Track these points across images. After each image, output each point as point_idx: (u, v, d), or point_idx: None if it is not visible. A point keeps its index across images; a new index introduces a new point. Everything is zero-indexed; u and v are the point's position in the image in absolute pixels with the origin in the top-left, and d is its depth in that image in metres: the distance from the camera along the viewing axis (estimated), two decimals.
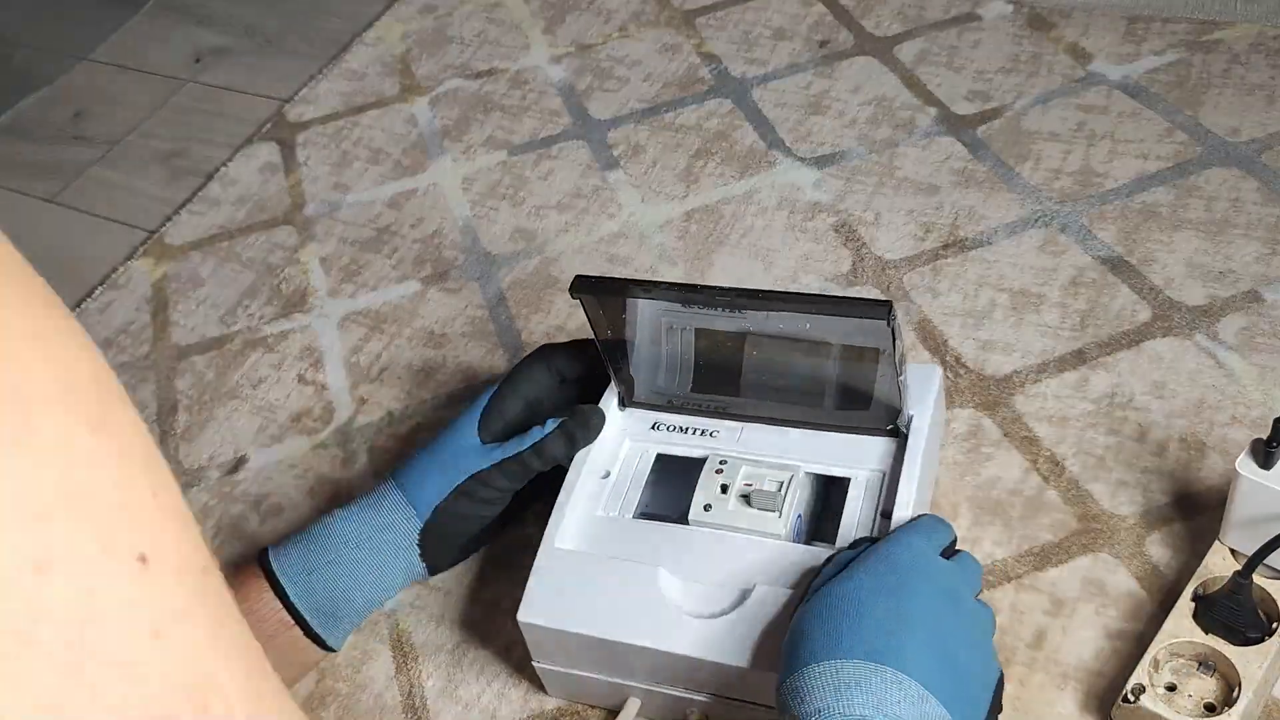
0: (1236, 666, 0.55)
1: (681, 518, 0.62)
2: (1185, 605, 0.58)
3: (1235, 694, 0.55)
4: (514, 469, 0.63)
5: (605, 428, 0.66)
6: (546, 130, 1.02)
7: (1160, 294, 0.76)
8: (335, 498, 0.77)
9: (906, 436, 0.62)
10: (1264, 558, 0.55)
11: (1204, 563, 0.60)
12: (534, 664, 0.62)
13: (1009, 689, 0.59)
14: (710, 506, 0.61)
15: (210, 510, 0.78)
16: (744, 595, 0.57)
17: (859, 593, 0.51)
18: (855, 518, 0.61)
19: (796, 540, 0.60)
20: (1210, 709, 0.55)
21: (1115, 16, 0.98)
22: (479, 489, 0.63)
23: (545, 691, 0.64)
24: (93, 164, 1.13)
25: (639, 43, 1.08)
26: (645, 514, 0.64)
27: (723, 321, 0.63)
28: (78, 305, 0.96)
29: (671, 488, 0.64)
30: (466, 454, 0.64)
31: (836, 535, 0.61)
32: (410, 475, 0.65)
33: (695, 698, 0.59)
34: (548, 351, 0.68)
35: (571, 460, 0.64)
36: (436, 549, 0.65)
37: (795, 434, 0.65)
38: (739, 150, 0.95)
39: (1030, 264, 0.80)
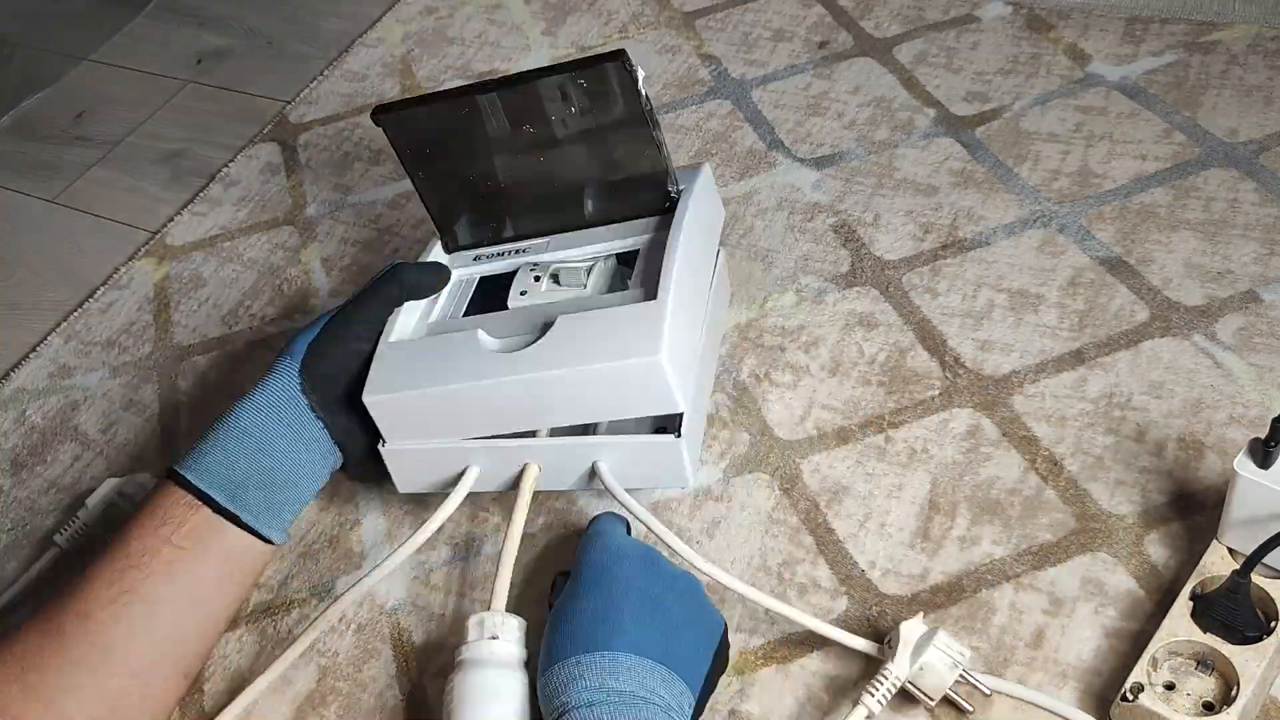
0: (1235, 665, 0.56)
1: (502, 306, 0.70)
2: (1184, 604, 0.58)
3: (1234, 693, 0.55)
4: (377, 300, 0.70)
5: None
6: None
7: (1158, 294, 0.76)
8: (335, 497, 0.77)
9: (677, 204, 0.71)
10: (1262, 557, 0.55)
11: (1202, 562, 0.60)
12: (381, 450, 0.69)
13: (1008, 685, 0.60)
14: (526, 292, 0.70)
15: None
16: (547, 326, 0.66)
17: (571, 600, 0.58)
18: (639, 275, 0.69)
19: None
20: (1209, 708, 0.56)
21: (1114, 17, 0.98)
22: (347, 321, 0.69)
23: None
24: (94, 164, 1.13)
25: (639, 44, 1.09)
26: (470, 312, 0.72)
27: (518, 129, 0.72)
28: (80, 306, 0.96)
29: (495, 293, 0.72)
30: (337, 309, 0.71)
31: (627, 286, 0.70)
32: (294, 342, 0.69)
33: (526, 443, 0.67)
34: (399, 269, 0.73)
35: (425, 287, 0.72)
36: (324, 392, 0.67)
37: (594, 233, 0.74)
38: (739, 151, 0.95)
39: (1029, 264, 0.80)
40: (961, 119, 0.93)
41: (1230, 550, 0.60)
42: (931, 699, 0.58)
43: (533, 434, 0.69)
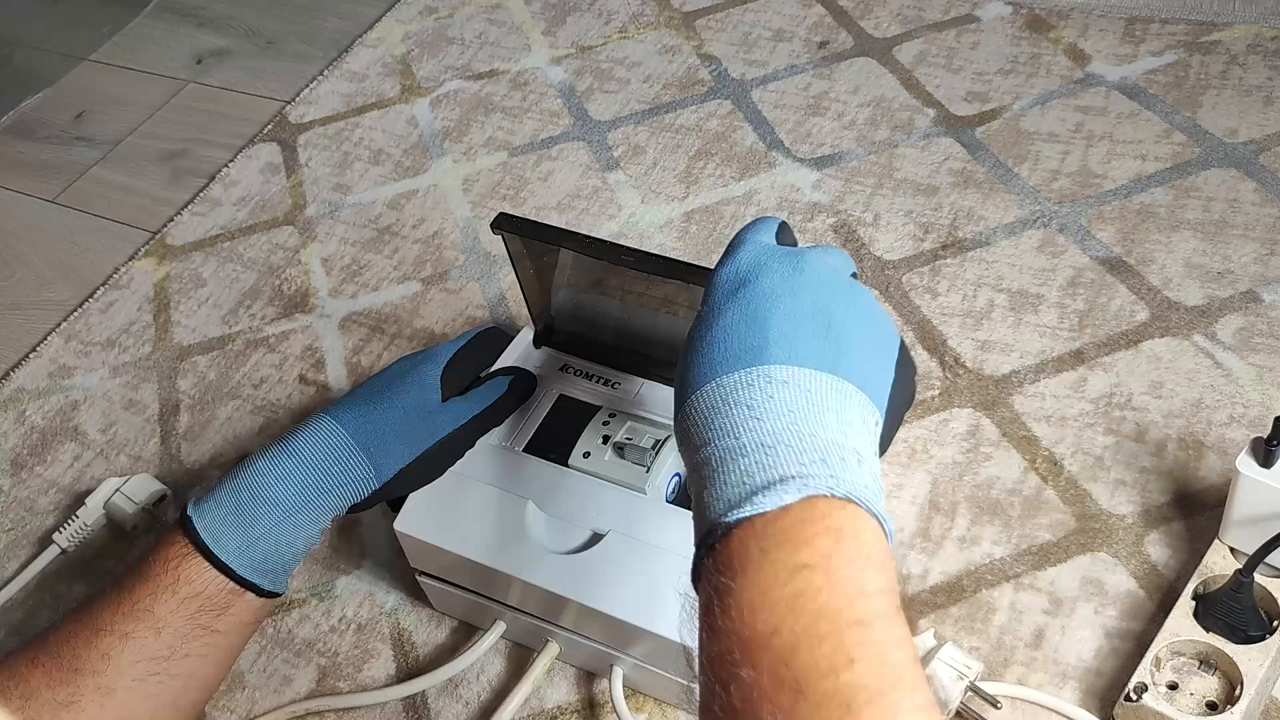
0: (1238, 665, 0.56)
1: (563, 459, 0.64)
2: (1186, 604, 0.58)
3: (1237, 692, 0.55)
4: (476, 428, 0.65)
5: (517, 359, 0.71)
6: (547, 131, 1.02)
7: (1158, 294, 0.76)
8: None
9: None
10: (1265, 556, 0.55)
11: (1204, 561, 0.60)
12: (415, 574, 0.66)
13: (1019, 690, 0.60)
14: (589, 454, 0.64)
15: None
16: (596, 538, 0.61)
17: (698, 327, 0.47)
18: None
19: (668, 501, 0.63)
20: (1212, 707, 0.56)
21: (1113, 18, 0.98)
22: (443, 452, 0.64)
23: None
24: (94, 164, 1.13)
25: (639, 44, 1.09)
26: (532, 448, 0.66)
27: (645, 284, 0.66)
28: (80, 306, 0.96)
29: (564, 429, 0.66)
30: (429, 415, 0.64)
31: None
32: (373, 436, 0.62)
33: (549, 628, 0.63)
34: (500, 332, 0.71)
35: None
36: (376, 499, 0.63)
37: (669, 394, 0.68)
38: (739, 151, 0.95)
39: (1029, 264, 0.80)
40: (961, 119, 0.93)
41: (1232, 549, 0.60)
42: (946, 712, 0.58)
43: None
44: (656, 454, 0.63)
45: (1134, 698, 0.55)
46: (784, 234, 0.51)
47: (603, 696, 0.64)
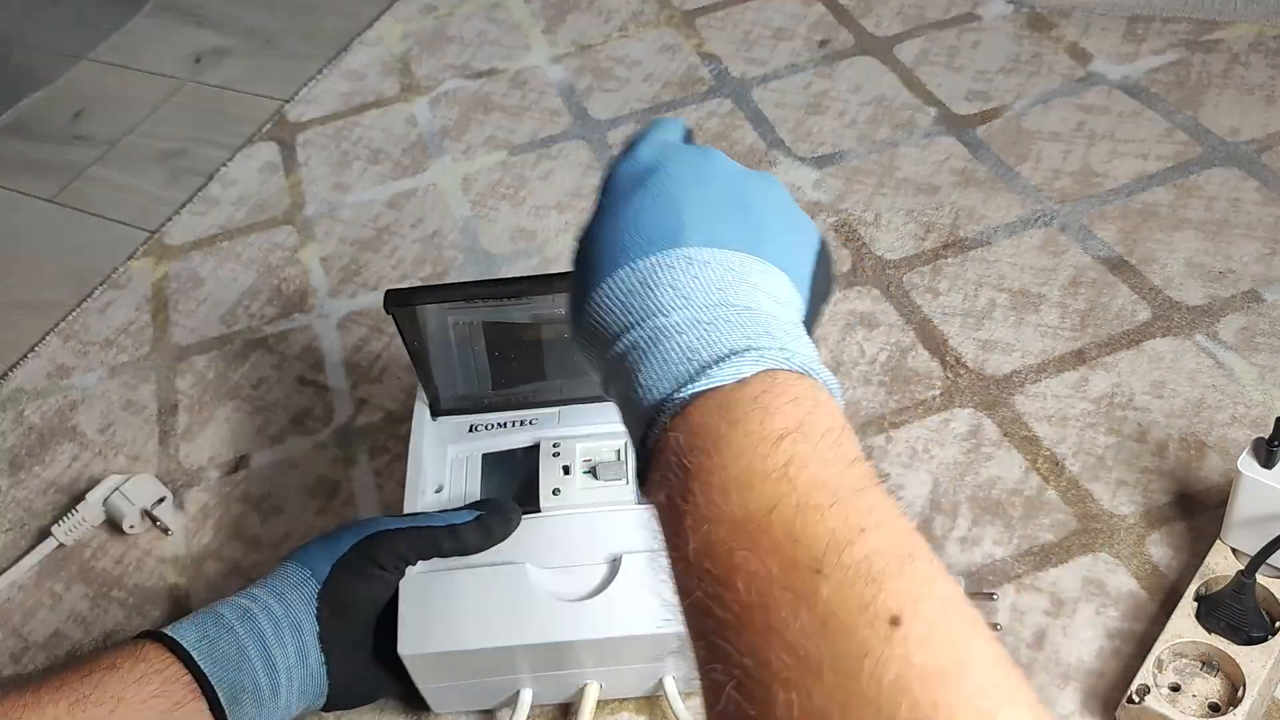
0: (1240, 666, 0.55)
1: (534, 508, 0.61)
2: (1188, 605, 0.58)
3: (1240, 694, 0.55)
4: (421, 542, 0.60)
5: (427, 440, 0.66)
6: (546, 130, 1.02)
7: (1160, 294, 0.76)
8: (335, 497, 0.77)
9: None
10: (1267, 557, 0.55)
11: (1205, 562, 0.60)
12: (420, 687, 0.61)
13: None
14: (559, 490, 0.62)
15: (210, 510, 0.78)
16: (614, 568, 0.58)
17: (599, 215, 0.43)
18: None
19: (641, 502, 0.61)
20: (1215, 709, 0.55)
21: (1115, 16, 0.98)
22: (380, 550, 0.60)
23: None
24: (93, 164, 1.12)
25: (639, 43, 1.08)
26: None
27: (514, 312, 0.64)
28: (78, 305, 0.96)
29: (505, 483, 0.64)
30: (372, 522, 0.62)
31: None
32: (307, 547, 0.62)
33: (585, 672, 0.60)
34: (460, 530, 0.63)
35: (480, 551, 0.61)
36: (333, 630, 0.59)
37: (610, 404, 0.66)
38: (739, 150, 0.95)
39: (1030, 264, 0.80)
40: (963, 118, 0.92)
41: (1234, 550, 0.60)
42: None
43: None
44: (626, 462, 0.62)
45: (1136, 699, 0.55)
46: (689, 138, 0.48)
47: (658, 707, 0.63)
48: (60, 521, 0.77)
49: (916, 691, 0.28)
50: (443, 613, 0.59)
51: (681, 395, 0.36)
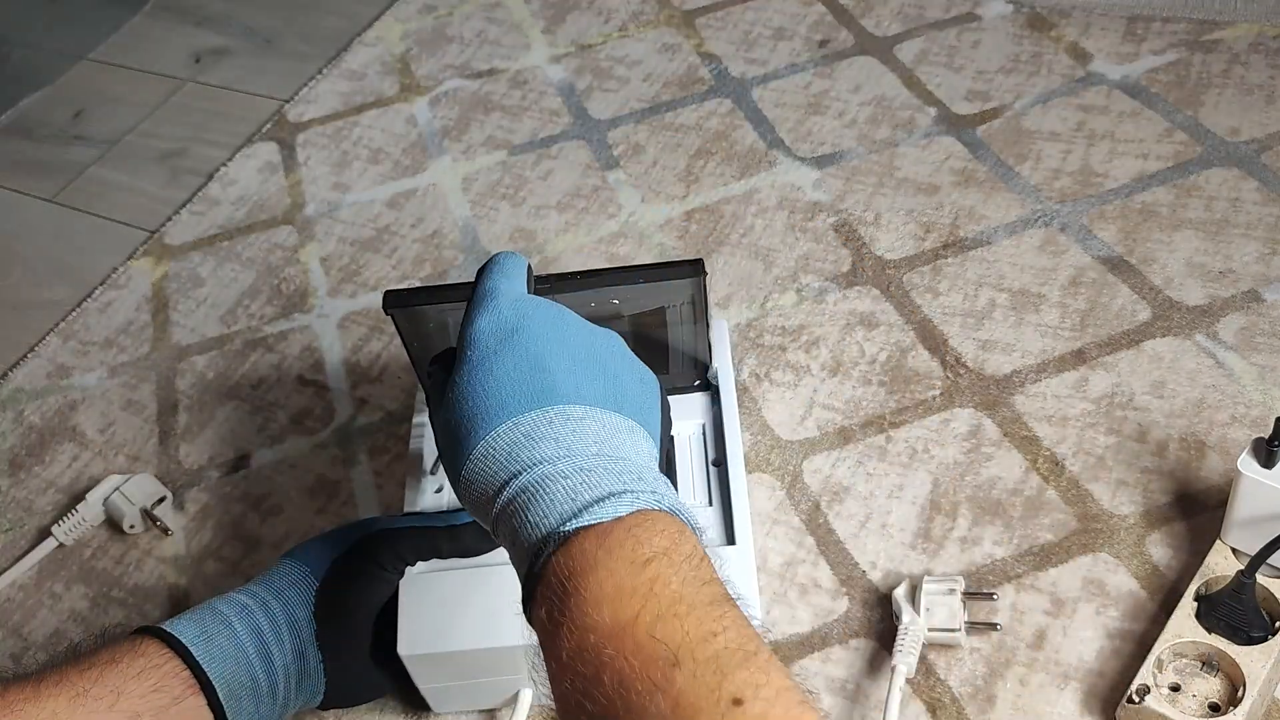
0: (1240, 666, 0.55)
1: None
2: (1188, 605, 0.58)
3: (1240, 694, 0.55)
4: (422, 543, 0.60)
5: (427, 441, 0.67)
6: (546, 130, 1.02)
7: (1160, 294, 0.76)
8: (335, 497, 0.77)
9: (716, 388, 0.68)
10: (1267, 557, 0.55)
11: (1206, 562, 0.60)
12: (420, 687, 0.61)
13: (1009, 687, 0.59)
14: None
15: (210, 510, 0.78)
16: None
17: (472, 371, 0.48)
18: (689, 470, 0.66)
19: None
20: (1215, 709, 0.55)
21: (1115, 16, 0.98)
22: (380, 550, 0.60)
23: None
24: (92, 164, 1.12)
25: (639, 43, 1.08)
26: None
27: None
28: (78, 305, 0.96)
29: None
30: (373, 522, 0.63)
31: (676, 490, 0.63)
32: (307, 545, 0.63)
33: None
34: (460, 529, 0.64)
35: (480, 554, 0.61)
36: (332, 629, 0.60)
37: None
38: (739, 150, 0.95)
39: (1030, 264, 0.80)
40: (963, 118, 0.92)
41: (1234, 550, 0.60)
42: (956, 628, 0.60)
43: None
44: None
45: (1136, 700, 0.55)
46: (530, 276, 0.54)
47: None
48: (60, 521, 0.77)
49: None
50: (443, 613, 0.59)
51: (566, 529, 0.42)
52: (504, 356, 0.48)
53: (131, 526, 0.77)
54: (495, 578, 0.60)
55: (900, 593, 0.62)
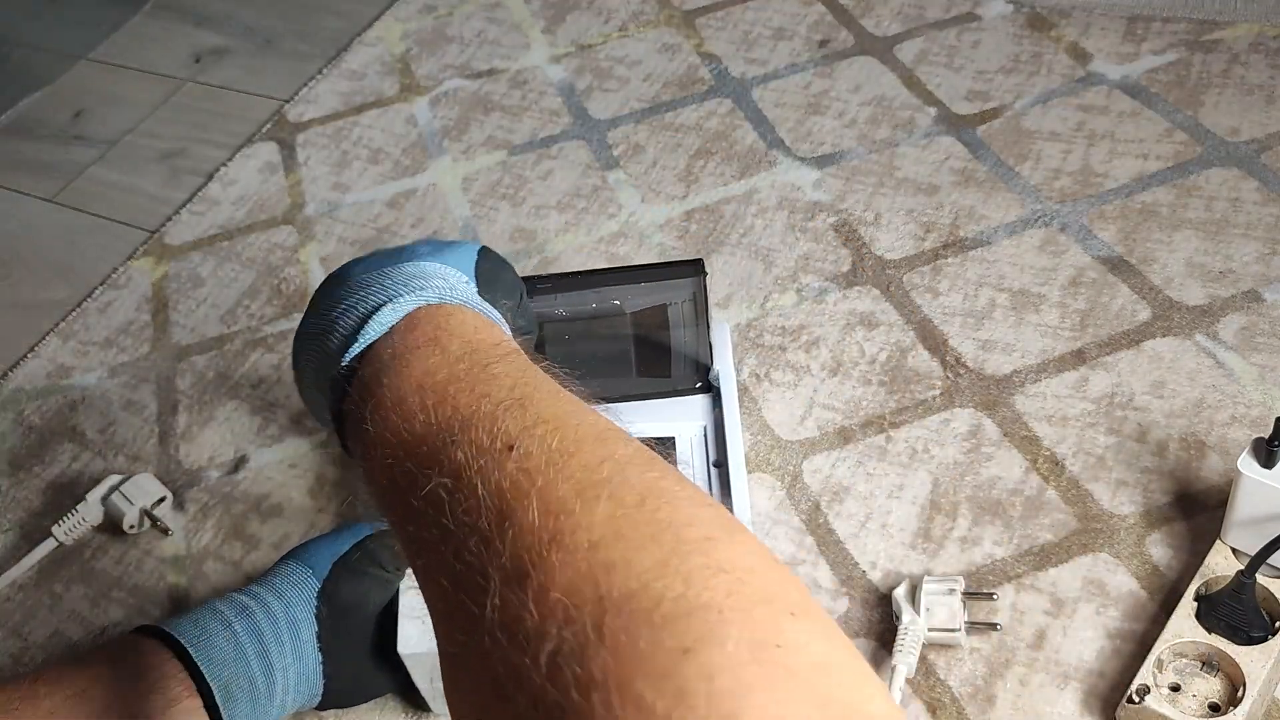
0: (1240, 666, 0.55)
1: None
2: (1188, 605, 0.58)
3: (1240, 694, 0.55)
4: None
5: None
6: (546, 130, 1.02)
7: (1160, 294, 0.76)
8: (335, 498, 0.77)
9: (718, 390, 0.69)
10: (1267, 557, 0.55)
11: (1206, 562, 0.60)
12: (420, 687, 0.61)
13: (1009, 687, 0.59)
14: None
15: (210, 510, 0.78)
16: None
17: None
18: (690, 472, 0.66)
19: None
20: (1215, 709, 0.55)
21: (1115, 16, 0.98)
22: (381, 551, 0.61)
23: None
24: (92, 164, 1.12)
25: (639, 43, 1.08)
26: None
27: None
28: (78, 305, 0.96)
29: None
30: (369, 525, 0.63)
31: None
32: (308, 545, 0.63)
33: None
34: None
35: None
36: (332, 630, 0.60)
37: (610, 409, 0.67)
38: (739, 150, 0.95)
39: (1030, 264, 0.80)
40: (963, 118, 0.92)
41: (1234, 550, 0.60)
42: (956, 628, 0.60)
43: None
44: None
45: (1136, 700, 0.55)
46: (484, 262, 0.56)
47: None
48: (60, 521, 0.77)
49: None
50: None
51: (344, 366, 0.44)
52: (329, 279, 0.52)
53: (131, 526, 0.77)
54: None
55: (900, 593, 0.62)
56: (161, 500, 0.78)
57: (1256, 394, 0.70)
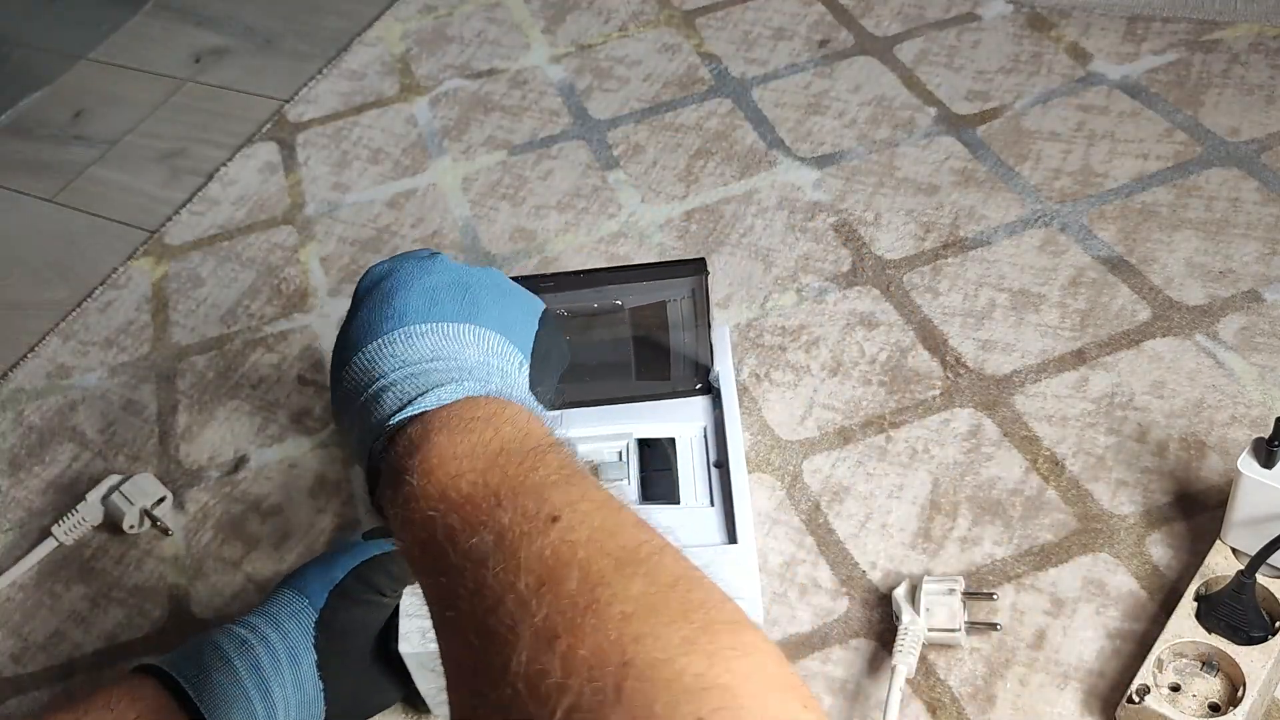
0: (1240, 666, 0.55)
1: None
2: (1188, 605, 0.58)
3: (1240, 694, 0.55)
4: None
5: None
6: (546, 130, 1.02)
7: (1160, 294, 0.76)
8: (335, 497, 0.77)
9: (719, 391, 0.69)
10: (1267, 557, 0.55)
11: (1206, 562, 0.60)
12: (420, 687, 0.61)
13: (1009, 687, 0.59)
14: None
15: (210, 510, 0.78)
16: None
17: (356, 305, 0.54)
18: (691, 473, 0.66)
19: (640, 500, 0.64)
20: (1215, 709, 0.55)
21: (1115, 16, 0.98)
22: (377, 575, 0.61)
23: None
24: (92, 163, 1.12)
25: (639, 42, 1.08)
26: None
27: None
28: (78, 305, 0.96)
29: None
30: (368, 546, 0.63)
31: (677, 493, 0.65)
32: (304, 572, 0.62)
33: None
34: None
35: None
36: (331, 657, 0.60)
37: (611, 409, 0.68)
38: (739, 150, 0.95)
39: (1030, 264, 0.80)
40: (963, 118, 0.92)
41: (1234, 550, 0.60)
42: (956, 628, 0.60)
43: None
44: (627, 463, 0.63)
45: (1136, 700, 0.55)
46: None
47: None
48: (60, 521, 0.77)
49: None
50: None
51: (393, 423, 0.45)
52: (370, 299, 0.53)
53: (131, 526, 0.77)
54: None
55: (900, 593, 0.62)
56: (161, 500, 0.78)
57: (1256, 394, 0.70)
